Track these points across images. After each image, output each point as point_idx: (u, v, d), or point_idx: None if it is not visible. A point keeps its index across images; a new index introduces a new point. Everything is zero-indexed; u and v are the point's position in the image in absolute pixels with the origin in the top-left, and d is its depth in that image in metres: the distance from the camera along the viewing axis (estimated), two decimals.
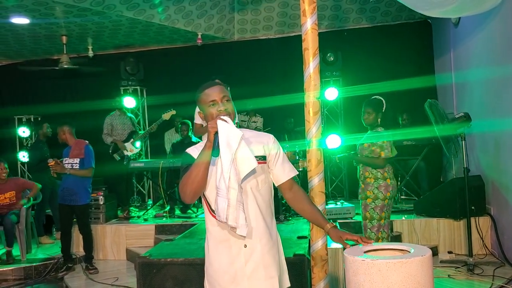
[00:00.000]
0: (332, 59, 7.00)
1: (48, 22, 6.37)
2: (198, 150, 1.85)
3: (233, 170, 1.76)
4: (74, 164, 5.05)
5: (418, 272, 1.67)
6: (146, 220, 6.07)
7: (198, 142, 3.64)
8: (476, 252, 4.81)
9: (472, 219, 4.68)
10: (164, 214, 6.15)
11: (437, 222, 5.15)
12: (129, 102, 7.19)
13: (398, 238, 5.05)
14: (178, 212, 6.37)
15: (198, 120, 4.81)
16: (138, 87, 7.75)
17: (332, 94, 6.76)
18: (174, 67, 7.90)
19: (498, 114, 4.78)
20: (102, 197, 5.93)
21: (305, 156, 2.94)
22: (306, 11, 2.64)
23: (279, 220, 4.91)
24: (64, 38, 7.06)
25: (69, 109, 7.17)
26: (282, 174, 1.99)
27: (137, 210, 6.92)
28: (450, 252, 4.97)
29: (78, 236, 5.49)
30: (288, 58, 7.08)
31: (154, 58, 8.01)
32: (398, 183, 5.78)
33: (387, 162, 3.93)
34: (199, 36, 7.21)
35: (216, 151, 1.76)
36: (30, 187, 5.82)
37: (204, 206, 1.95)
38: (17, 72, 8.27)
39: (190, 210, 6.27)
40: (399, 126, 6.50)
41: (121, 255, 5.71)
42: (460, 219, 5.04)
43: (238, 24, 7.51)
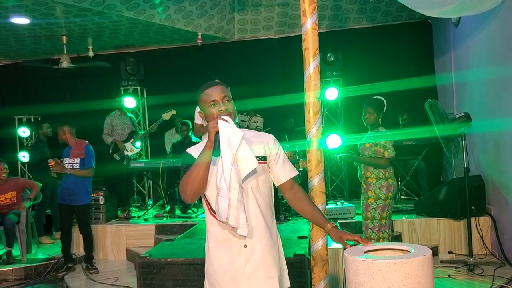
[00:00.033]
0: (332, 59, 7.00)
1: (48, 22, 6.37)
2: (198, 150, 1.85)
3: (234, 170, 1.76)
4: (75, 164, 5.06)
5: (419, 272, 1.67)
6: (146, 220, 6.07)
7: (198, 142, 3.64)
8: (476, 252, 4.81)
9: (472, 219, 4.68)
10: (164, 214, 6.15)
11: (437, 222, 5.15)
12: (129, 102, 7.19)
13: (398, 238, 5.05)
14: (178, 212, 6.37)
15: (198, 120, 4.82)
16: (138, 87, 7.75)
17: (332, 94, 6.76)
18: (174, 67, 7.90)
19: (498, 114, 4.78)
20: (102, 197, 5.93)
21: (305, 156, 2.94)
22: (306, 11, 2.64)
23: (279, 220, 4.91)
24: (64, 38, 7.06)
25: (69, 109, 7.16)
26: (282, 174, 1.99)
27: (137, 210, 6.91)
28: (450, 252, 4.97)
29: (78, 236, 5.50)
30: (288, 58, 7.07)
31: (154, 58, 8.01)
32: (398, 183, 5.78)
33: (390, 162, 3.93)
34: (199, 36, 7.21)
35: (216, 151, 1.76)
36: (31, 187, 5.82)
37: (204, 206, 1.94)
38: (17, 72, 8.29)
39: (190, 210, 6.27)
40: (399, 126, 6.50)
41: (121, 255, 5.71)
42: (460, 219, 5.04)
43: (238, 24, 7.51)
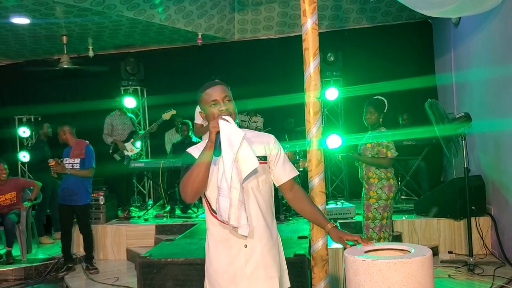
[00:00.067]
0: (332, 59, 7.00)
1: (48, 22, 6.37)
2: (199, 150, 1.85)
3: (235, 170, 1.76)
4: (75, 164, 5.06)
5: (419, 272, 1.67)
6: (146, 220, 6.07)
7: (199, 142, 3.63)
8: (476, 252, 4.81)
9: (472, 219, 4.68)
10: (164, 214, 6.15)
11: (437, 222, 5.15)
12: (129, 102, 7.19)
13: (398, 238, 5.05)
14: (178, 212, 6.37)
15: (198, 120, 4.82)
16: (139, 87, 7.75)
17: (332, 94, 6.76)
18: (174, 67, 7.90)
19: (498, 114, 4.78)
20: (102, 197, 5.93)
21: (305, 156, 2.94)
22: (307, 11, 2.64)
23: (280, 220, 4.91)
24: (64, 38, 7.06)
25: (69, 109, 7.16)
26: (283, 175, 1.99)
27: (137, 210, 6.91)
28: (450, 252, 4.97)
29: (78, 236, 5.50)
30: (288, 58, 7.07)
31: (154, 58, 8.01)
32: (399, 183, 5.78)
33: (392, 162, 3.94)
34: (200, 36, 7.21)
35: (217, 151, 1.76)
36: (31, 186, 5.82)
37: (204, 206, 1.94)
38: (17, 72, 8.28)
39: (190, 210, 6.27)
40: (400, 126, 6.50)
41: (121, 255, 5.71)
42: (460, 219, 5.04)
43: (239, 24, 7.51)
